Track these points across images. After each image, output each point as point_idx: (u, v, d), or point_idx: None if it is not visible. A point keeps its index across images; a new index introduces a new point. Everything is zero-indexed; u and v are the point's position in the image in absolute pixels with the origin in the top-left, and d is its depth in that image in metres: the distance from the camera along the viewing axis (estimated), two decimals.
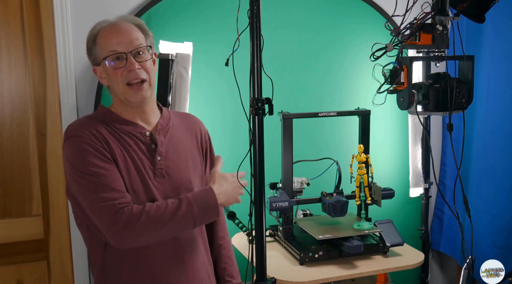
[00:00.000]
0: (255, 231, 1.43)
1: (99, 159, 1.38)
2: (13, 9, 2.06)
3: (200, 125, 1.68)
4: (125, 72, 1.43)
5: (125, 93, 1.44)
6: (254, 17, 1.36)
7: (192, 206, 1.39)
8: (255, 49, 1.36)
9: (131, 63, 1.42)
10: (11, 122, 2.11)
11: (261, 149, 1.39)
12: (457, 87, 1.80)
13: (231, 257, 1.72)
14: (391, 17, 1.81)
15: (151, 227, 1.36)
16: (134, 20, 1.50)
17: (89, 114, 1.55)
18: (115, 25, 1.46)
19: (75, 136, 1.41)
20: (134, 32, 1.46)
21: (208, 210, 1.43)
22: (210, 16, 2.30)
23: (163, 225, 1.37)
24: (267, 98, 1.39)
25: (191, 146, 1.60)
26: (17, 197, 2.14)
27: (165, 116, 1.58)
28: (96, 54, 1.47)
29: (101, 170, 1.37)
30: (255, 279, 1.45)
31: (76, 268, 2.23)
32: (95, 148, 1.39)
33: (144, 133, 1.49)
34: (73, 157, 1.40)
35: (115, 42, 1.43)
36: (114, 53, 1.42)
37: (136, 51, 1.44)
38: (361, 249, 1.99)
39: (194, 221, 1.40)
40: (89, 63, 2.16)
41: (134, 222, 1.33)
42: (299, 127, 2.18)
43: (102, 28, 1.46)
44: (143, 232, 1.35)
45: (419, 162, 2.56)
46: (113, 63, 1.43)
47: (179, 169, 1.52)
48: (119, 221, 1.33)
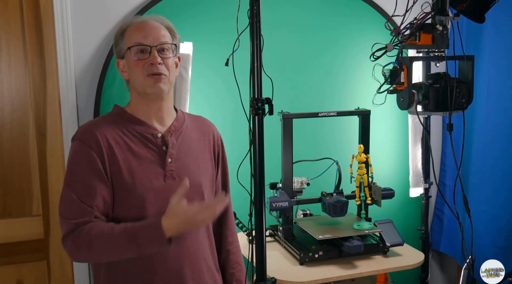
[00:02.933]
0: (255, 231, 1.43)
1: (88, 170, 1.41)
2: (13, 9, 2.06)
3: (213, 129, 1.68)
4: (146, 65, 1.46)
5: (144, 84, 1.47)
6: (254, 17, 1.36)
7: (136, 236, 1.36)
8: (255, 49, 1.37)
9: (154, 56, 1.45)
10: (11, 122, 2.11)
11: (261, 149, 1.39)
12: (457, 87, 1.80)
13: (240, 262, 1.70)
14: (391, 17, 1.81)
15: (95, 250, 1.38)
16: (164, 21, 1.54)
17: (103, 115, 1.57)
18: (145, 21, 1.51)
19: (79, 140, 1.44)
20: (162, 30, 1.50)
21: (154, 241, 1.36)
22: (210, 16, 2.30)
23: (106, 250, 1.38)
24: (267, 98, 1.39)
25: (203, 150, 1.60)
26: (17, 197, 2.14)
27: (180, 118, 1.58)
28: (121, 46, 1.51)
29: (80, 184, 1.41)
30: (255, 279, 1.45)
31: (76, 268, 2.23)
32: (91, 159, 1.41)
33: (155, 135, 1.49)
34: (69, 161, 1.47)
35: (142, 35, 1.47)
36: (139, 44, 1.46)
37: (160, 47, 1.47)
38: (361, 249, 1.99)
39: (138, 251, 1.37)
40: (89, 63, 2.20)
41: (79, 244, 1.38)
42: (299, 127, 2.18)
43: (132, 23, 1.51)
44: (87, 254, 1.40)
45: (419, 162, 2.56)
46: (137, 55, 1.46)
47: (189, 171, 1.51)
48: (68, 240, 1.40)
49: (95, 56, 2.20)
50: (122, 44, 1.50)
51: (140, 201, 1.43)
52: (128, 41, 1.48)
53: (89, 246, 1.37)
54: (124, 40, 1.49)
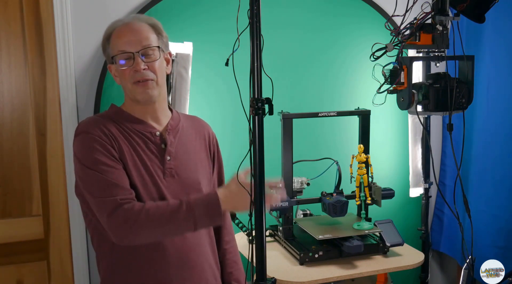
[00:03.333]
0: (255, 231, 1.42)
1: (105, 157, 1.40)
2: (13, 9, 2.06)
3: (208, 128, 1.69)
4: (131, 72, 1.45)
5: (133, 91, 1.47)
6: (254, 17, 1.36)
7: (193, 209, 1.37)
8: (255, 49, 1.36)
9: (137, 63, 1.45)
10: (11, 122, 2.11)
11: (261, 149, 1.39)
12: (457, 87, 1.80)
13: (237, 262, 1.70)
14: (391, 17, 1.81)
15: (150, 225, 1.36)
16: (149, 20, 1.52)
17: (100, 113, 1.58)
18: (128, 24, 1.49)
19: (85, 132, 1.43)
20: (145, 32, 1.48)
21: (210, 215, 1.39)
22: (210, 16, 2.30)
23: (162, 224, 1.37)
24: (267, 98, 1.39)
25: (199, 148, 1.61)
26: (17, 197, 2.14)
27: (175, 118, 1.59)
28: (109, 52, 1.50)
29: (106, 167, 1.39)
30: (255, 279, 1.45)
31: (76, 268, 2.23)
32: (103, 145, 1.41)
33: (154, 133, 1.50)
34: (81, 153, 1.42)
35: (125, 41, 1.45)
36: (122, 52, 1.45)
37: (144, 52, 1.46)
38: (361, 249, 1.99)
39: (195, 224, 1.38)
40: (89, 63, 2.21)
41: (133, 219, 1.34)
42: (299, 127, 2.18)
43: (116, 27, 1.49)
44: (141, 230, 1.36)
45: (419, 162, 2.56)
46: (123, 62, 1.46)
47: (188, 169, 1.53)
48: (118, 216, 1.34)
49: (95, 56, 2.20)
50: (109, 49, 1.50)
51: (144, 195, 1.43)
52: (112, 49, 1.48)
53: (144, 221, 1.34)
54: (110, 46, 1.49)
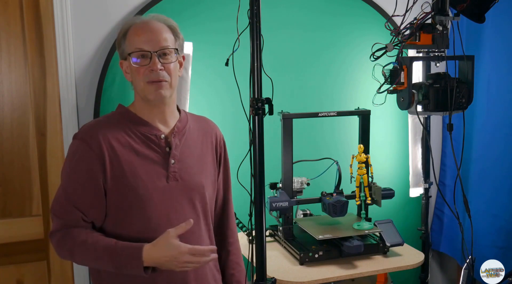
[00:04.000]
0: (255, 231, 1.43)
1: (83, 173, 1.42)
2: (13, 9, 2.06)
3: (216, 130, 1.67)
4: (147, 71, 1.44)
5: (145, 90, 1.45)
6: (254, 17, 1.36)
7: (114, 259, 1.37)
8: (255, 49, 1.37)
9: (154, 63, 1.43)
10: (11, 122, 2.11)
11: (261, 149, 1.39)
12: (457, 87, 1.79)
13: (240, 263, 1.70)
14: (391, 17, 1.81)
15: (77, 259, 1.45)
16: (168, 21, 1.50)
17: (106, 115, 1.56)
18: (147, 23, 1.47)
19: (81, 139, 1.44)
20: (164, 33, 1.46)
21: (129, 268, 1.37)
22: (210, 16, 2.30)
23: (87, 260, 1.43)
24: (267, 98, 1.39)
25: (205, 150, 1.59)
26: (17, 197, 2.14)
27: (183, 119, 1.57)
28: (124, 48, 1.48)
29: (76, 183, 1.42)
30: (255, 279, 1.45)
31: (76, 268, 2.23)
32: (89, 162, 1.41)
33: (159, 136, 1.49)
34: (67, 159, 1.47)
35: (143, 39, 1.44)
36: (139, 50, 1.44)
37: (161, 52, 1.45)
38: (361, 249, 1.99)
39: (116, 269, 1.39)
40: (89, 62, 2.21)
41: (65, 248, 1.43)
42: (299, 127, 2.18)
43: (134, 24, 1.48)
44: (69, 258, 1.45)
45: (419, 162, 2.56)
46: (138, 60, 1.44)
47: (192, 172, 1.52)
48: (54, 238, 1.44)
49: (95, 56, 2.20)
50: (124, 46, 1.48)
51: (142, 201, 1.43)
52: (129, 45, 1.46)
53: (71, 251, 1.42)
54: (126, 43, 1.47)
